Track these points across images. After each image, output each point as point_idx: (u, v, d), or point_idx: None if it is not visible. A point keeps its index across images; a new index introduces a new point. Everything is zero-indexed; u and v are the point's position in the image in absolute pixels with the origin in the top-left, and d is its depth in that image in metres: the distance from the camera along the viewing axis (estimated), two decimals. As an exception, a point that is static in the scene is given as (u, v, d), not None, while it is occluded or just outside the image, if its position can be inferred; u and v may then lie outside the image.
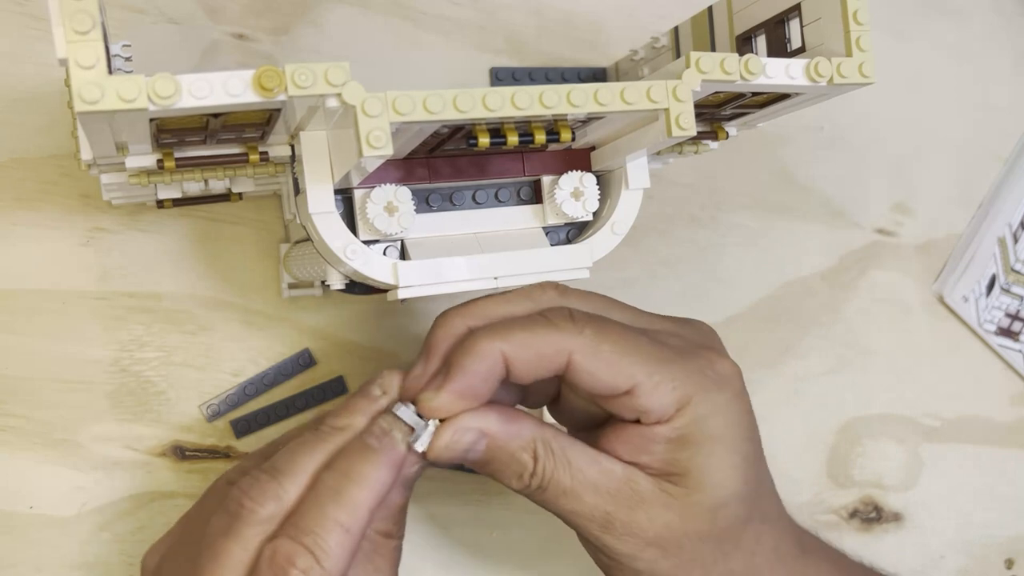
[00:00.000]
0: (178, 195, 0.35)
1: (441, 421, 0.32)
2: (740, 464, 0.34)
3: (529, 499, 0.34)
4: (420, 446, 0.32)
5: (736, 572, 0.34)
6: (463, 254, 0.33)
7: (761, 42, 0.36)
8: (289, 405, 0.43)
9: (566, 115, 0.30)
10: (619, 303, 0.36)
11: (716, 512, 0.33)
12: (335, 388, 0.44)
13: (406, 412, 0.32)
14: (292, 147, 0.32)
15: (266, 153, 0.32)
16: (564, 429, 0.34)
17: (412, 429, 0.32)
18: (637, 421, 0.33)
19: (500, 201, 0.36)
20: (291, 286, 0.43)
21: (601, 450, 0.33)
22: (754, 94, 0.33)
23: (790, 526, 0.37)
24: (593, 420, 0.35)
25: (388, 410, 0.32)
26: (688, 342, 0.35)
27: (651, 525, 0.33)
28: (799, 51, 0.34)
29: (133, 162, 0.31)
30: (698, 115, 0.35)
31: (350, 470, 0.31)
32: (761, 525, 0.35)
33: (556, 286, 0.35)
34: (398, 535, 0.34)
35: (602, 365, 0.32)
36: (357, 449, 0.31)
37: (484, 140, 0.30)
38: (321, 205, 0.31)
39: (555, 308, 0.33)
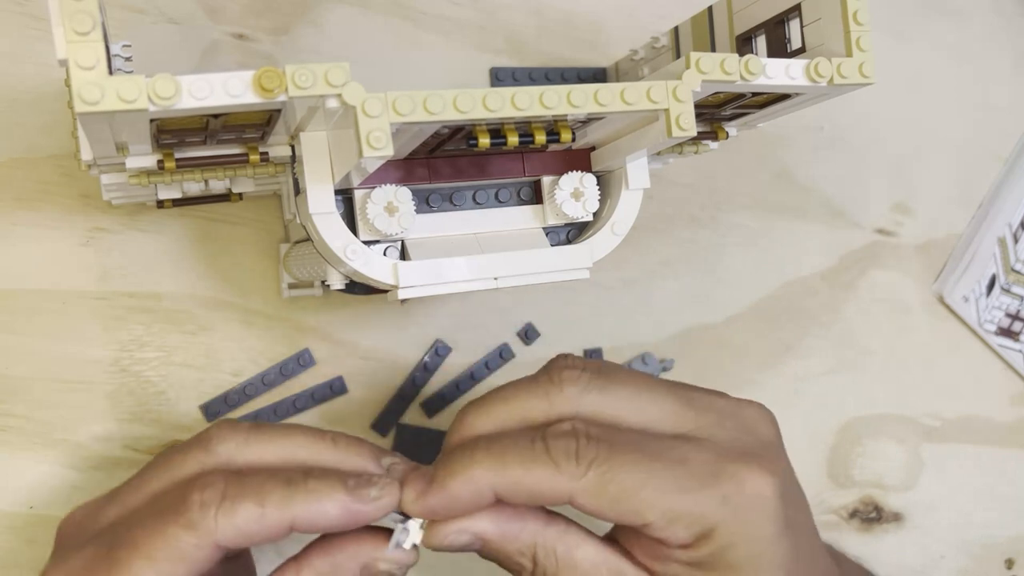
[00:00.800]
0: (178, 195, 0.35)
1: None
2: (784, 563, 0.31)
3: None
4: (405, 545, 0.31)
5: None
6: (463, 254, 0.33)
7: (761, 42, 0.36)
8: (289, 405, 0.43)
9: (566, 115, 0.30)
10: (653, 386, 0.33)
11: None
12: (335, 388, 0.44)
13: (394, 515, 0.31)
14: (292, 147, 0.32)
15: (266, 153, 0.32)
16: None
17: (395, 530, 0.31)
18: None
19: (500, 201, 0.36)
20: (291, 286, 0.43)
21: (625, 540, 0.32)
22: (754, 94, 0.33)
23: None
24: None
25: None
26: (723, 451, 0.31)
27: None
28: (799, 51, 0.34)
29: (133, 162, 0.31)
30: (698, 115, 0.35)
31: (312, 487, 0.30)
32: None
33: (577, 377, 0.32)
34: None
35: (607, 507, 0.30)
36: (329, 471, 0.30)
37: (484, 140, 0.30)
38: (321, 205, 0.31)
39: (560, 434, 0.30)
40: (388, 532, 0.32)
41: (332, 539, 0.32)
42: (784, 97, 0.34)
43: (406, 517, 0.31)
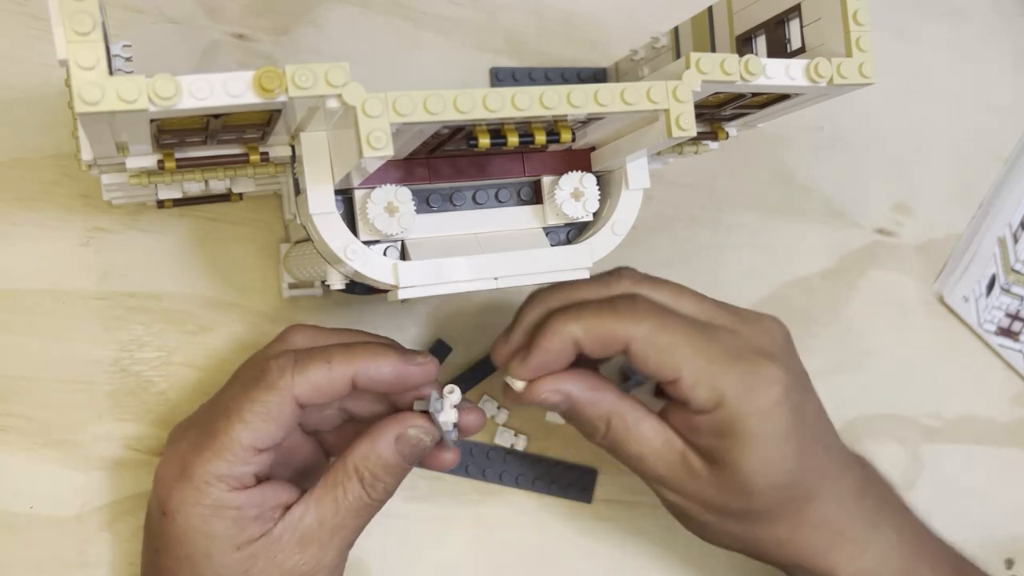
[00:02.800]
0: (178, 195, 0.35)
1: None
2: (778, 459, 0.37)
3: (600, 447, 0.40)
4: (440, 416, 0.36)
5: (781, 538, 0.39)
6: (463, 254, 0.33)
7: (761, 42, 0.36)
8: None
9: (566, 116, 0.30)
10: (692, 291, 0.40)
11: (753, 496, 0.38)
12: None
13: (445, 405, 0.36)
14: (292, 147, 0.32)
15: (266, 153, 0.32)
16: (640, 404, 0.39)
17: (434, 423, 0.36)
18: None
19: (500, 201, 0.36)
20: (291, 286, 0.43)
21: (664, 419, 0.39)
22: (754, 94, 0.33)
23: (853, 493, 0.40)
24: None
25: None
26: (745, 343, 0.38)
27: (696, 492, 0.38)
28: (799, 51, 0.34)
29: (133, 162, 0.31)
30: (698, 115, 0.35)
31: (369, 348, 0.36)
32: (824, 505, 0.39)
33: (633, 273, 0.40)
34: (371, 491, 0.36)
35: (653, 355, 0.37)
36: (382, 342, 0.37)
37: (484, 141, 0.30)
38: (321, 205, 0.31)
39: (625, 296, 0.38)
40: (417, 413, 0.37)
41: (368, 427, 0.37)
42: (784, 97, 0.34)
43: (440, 405, 0.36)
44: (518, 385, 0.38)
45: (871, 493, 0.41)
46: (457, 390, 0.37)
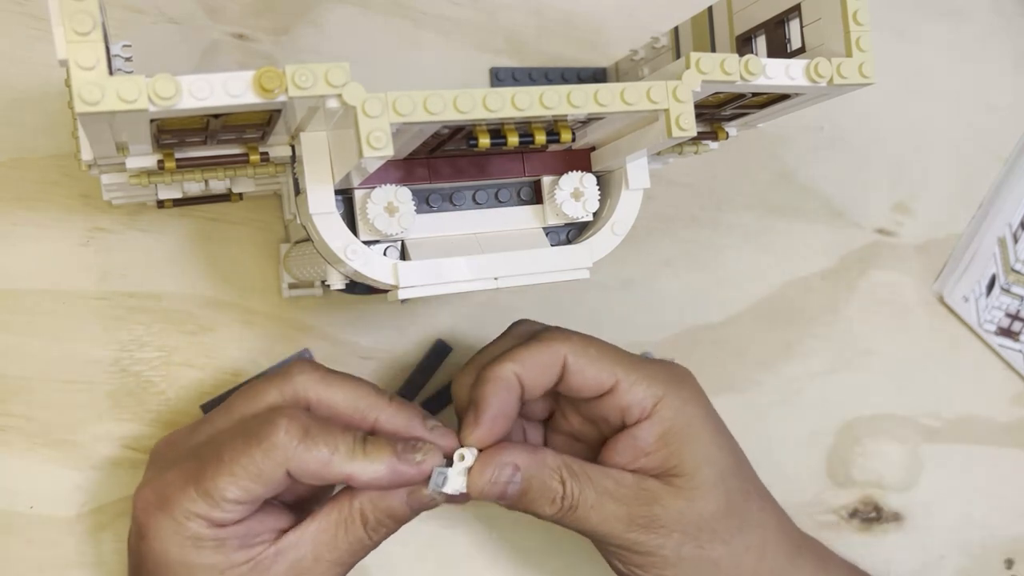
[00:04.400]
0: (178, 195, 0.35)
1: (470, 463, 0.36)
2: (722, 443, 0.39)
3: (560, 524, 0.38)
4: (445, 488, 0.35)
5: (753, 545, 0.39)
6: (463, 254, 0.33)
7: (761, 42, 0.36)
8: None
9: (566, 116, 0.30)
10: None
11: (718, 488, 0.38)
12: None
13: (451, 473, 0.35)
14: (292, 147, 0.32)
15: (266, 153, 0.32)
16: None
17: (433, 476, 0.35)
18: (623, 427, 0.38)
19: (500, 201, 0.36)
20: (291, 286, 0.43)
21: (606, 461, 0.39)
22: (754, 94, 0.33)
23: (781, 511, 0.42)
24: (587, 446, 0.41)
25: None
26: (660, 364, 0.40)
27: (668, 515, 0.37)
28: (799, 51, 0.34)
29: (133, 162, 0.31)
30: (698, 115, 0.35)
31: (370, 452, 0.34)
32: (763, 501, 0.41)
33: (534, 322, 0.41)
34: (372, 534, 0.36)
35: (590, 364, 0.37)
36: (383, 438, 0.35)
37: (484, 141, 0.30)
38: (321, 205, 0.31)
39: (548, 329, 0.39)
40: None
41: None
42: (784, 97, 0.34)
43: (446, 465, 0.35)
44: (448, 482, 0.35)
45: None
46: (469, 455, 0.36)
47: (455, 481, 0.35)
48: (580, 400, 0.39)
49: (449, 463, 0.35)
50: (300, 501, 0.38)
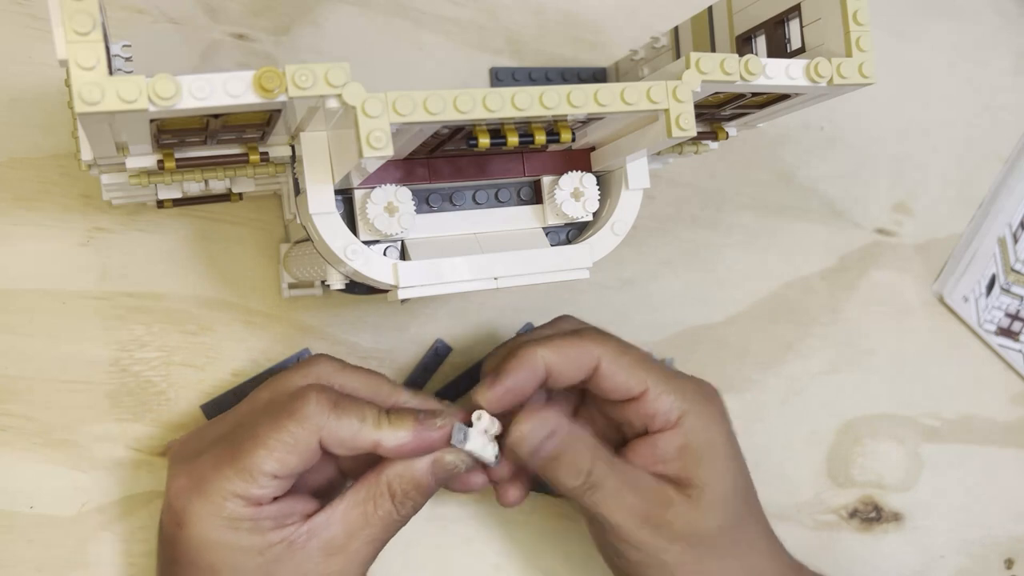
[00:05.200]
0: (178, 195, 0.35)
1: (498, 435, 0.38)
2: (732, 467, 0.40)
3: (576, 499, 0.39)
4: (466, 446, 0.36)
5: (744, 566, 0.40)
6: (463, 254, 0.33)
7: (761, 42, 0.36)
8: (289, 405, 0.43)
9: (566, 116, 0.30)
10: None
11: (725, 506, 0.39)
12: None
13: (473, 437, 0.37)
14: (292, 147, 0.32)
15: (266, 153, 0.32)
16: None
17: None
18: (645, 432, 0.40)
19: (500, 201, 0.36)
20: (291, 286, 0.43)
21: (630, 456, 0.40)
22: (754, 94, 0.33)
23: (774, 536, 0.43)
24: (608, 445, 0.40)
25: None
26: (688, 378, 0.41)
27: (679, 522, 0.38)
28: (799, 51, 0.34)
29: (133, 162, 0.31)
30: (698, 115, 0.35)
31: (395, 420, 0.36)
32: (759, 526, 0.42)
33: (572, 317, 0.42)
34: (400, 508, 0.36)
35: (622, 370, 0.39)
36: (405, 409, 0.37)
37: (484, 141, 0.30)
38: (321, 205, 0.31)
39: (587, 329, 0.40)
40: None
41: None
42: (784, 97, 0.34)
43: (463, 436, 0.37)
44: (468, 439, 0.37)
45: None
46: (485, 415, 0.37)
47: (476, 440, 0.37)
48: (607, 401, 0.40)
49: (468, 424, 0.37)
50: (319, 492, 0.39)
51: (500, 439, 0.38)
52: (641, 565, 0.39)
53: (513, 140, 0.31)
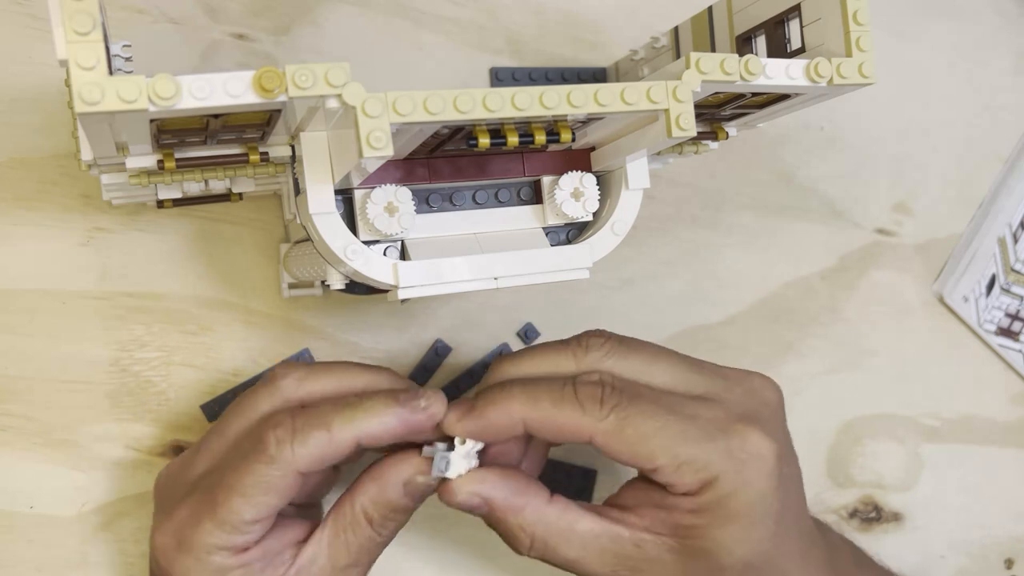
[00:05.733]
0: (178, 195, 0.35)
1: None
2: (755, 538, 0.34)
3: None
4: (448, 473, 0.34)
5: None
6: (463, 254, 0.33)
7: (761, 42, 0.36)
8: (289, 405, 0.43)
9: (566, 116, 0.30)
10: (668, 355, 0.37)
11: (720, 573, 0.34)
12: (335, 388, 0.44)
13: (440, 445, 0.35)
14: (292, 147, 0.32)
15: (266, 153, 0.32)
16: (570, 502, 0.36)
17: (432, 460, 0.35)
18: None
19: (500, 201, 0.36)
20: (291, 286, 0.43)
21: (624, 500, 0.36)
22: (754, 94, 0.33)
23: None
24: None
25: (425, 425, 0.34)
26: (729, 412, 0.35)
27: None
28: (799, 51, 0.34)
29: (133, 162, 0.31)
30: (698, 115, 0.35)
31: (368, 405, 0.33)
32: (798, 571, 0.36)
33: (603, 342, 0.36)
34: (380, 530, 0.35)
35: (623, 448, 0.33)
36: (381, 391, 0.34)
37: (484, 141, 0.30)
38: (321, 205, 0.31)
39: (588, 382, 0.34)
40: (427, 460, 0.35)
41: (376, 467, 0.35)
42: (784, 97, 0.34)
43: (448, 448, 0.35)
44: (450, 465, 0.34)
45: (839, 564, 0.39)
46: (470, 441, 0.35)
47: (458, 465, 0.34)
48: None
49: (449, 446, 0.35)
50: (310, 500, 0.38)
51: (482, 453, 0.36)
52: None
53: (513, 140, 0.31)
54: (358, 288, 0.37)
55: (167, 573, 0.34)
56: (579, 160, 0.36)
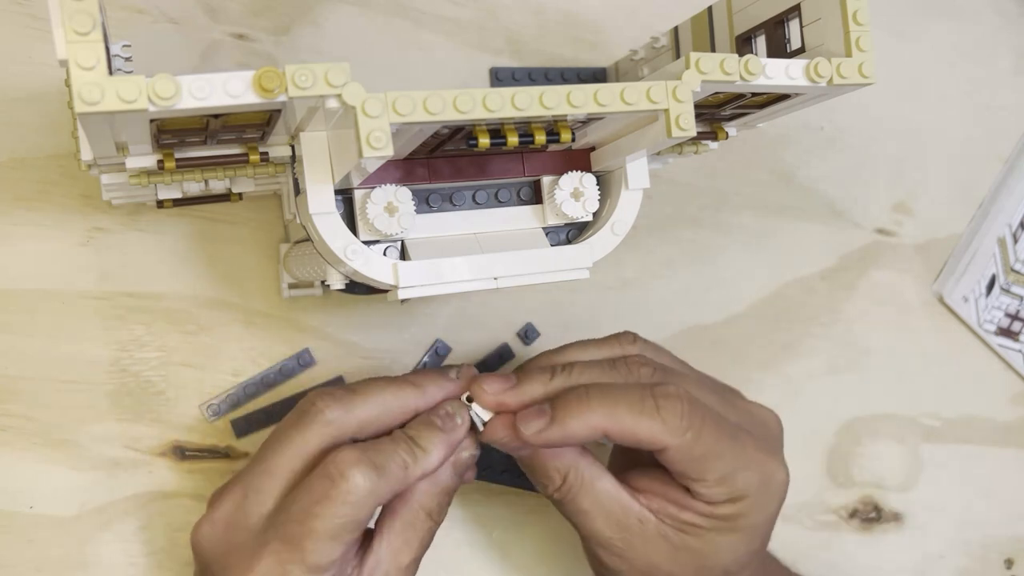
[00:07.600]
0: (178, 195, 0.35)
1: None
2: (744, 551, 0.38)
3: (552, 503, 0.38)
4: (477, 428, 0.37)
5: None
6: (463, 254, 0.33)
7: (761, 42, 0.36)
8: (289, 405, 0.43)
9: (566, 116, 0.30)
10: (702, 376, 0.40)
11: (700, 571, 0.37)
12: (335, 388, 0.44)
13: (475, 407, 0.37)
14: (292, 147, 0.32)
15: (266, 153, 0.32)
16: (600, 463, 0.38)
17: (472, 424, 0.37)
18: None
19: (500, 201, 0.36)
20: (291, 286, 0.43)
21: (636, 483, 0.38)
22: (754, 94, 0.33)
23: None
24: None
25: (458, 397, 0.37)
26: (755, 442, 0.38)
27: (641, 558, 0.37)
28: (799, 51, 0.34)
29: (133, 162, 0.31)
30: (698, 115, 0.35)
31: (417, 436, 0.36)
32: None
33: (648, 360, 0.38)
34: (437, 518, 0.37)
35: (684, 460, 0.36)
36: (423, 422, 0.36)
37: (484, 141, 0.30)
38: (321, 205, 0.31)
39: (669, 395, 0.35)
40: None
41: None
42: (784, 97, 0.34)
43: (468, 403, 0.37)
44: (483, 416, 0.37)
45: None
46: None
47: (485, 416, 0.37)
48: None
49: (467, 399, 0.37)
50: None
51: None
52: (621, 573, 0.38)
53: (513, 140, 0.31)
54: (358, 288, 0.37)
55: None
56: (579, 160, 0.36)
